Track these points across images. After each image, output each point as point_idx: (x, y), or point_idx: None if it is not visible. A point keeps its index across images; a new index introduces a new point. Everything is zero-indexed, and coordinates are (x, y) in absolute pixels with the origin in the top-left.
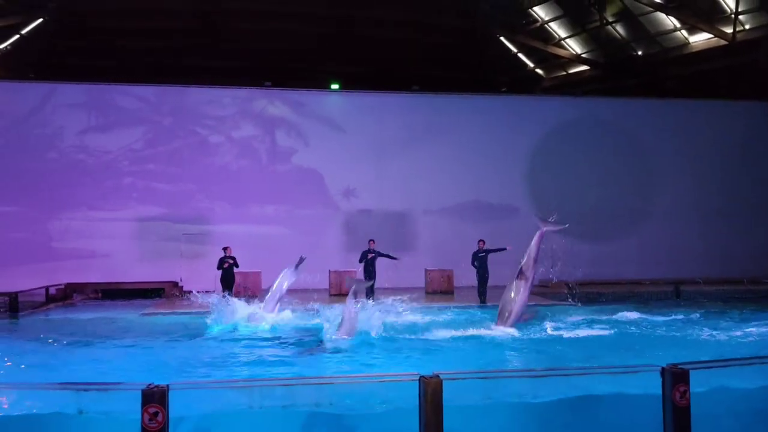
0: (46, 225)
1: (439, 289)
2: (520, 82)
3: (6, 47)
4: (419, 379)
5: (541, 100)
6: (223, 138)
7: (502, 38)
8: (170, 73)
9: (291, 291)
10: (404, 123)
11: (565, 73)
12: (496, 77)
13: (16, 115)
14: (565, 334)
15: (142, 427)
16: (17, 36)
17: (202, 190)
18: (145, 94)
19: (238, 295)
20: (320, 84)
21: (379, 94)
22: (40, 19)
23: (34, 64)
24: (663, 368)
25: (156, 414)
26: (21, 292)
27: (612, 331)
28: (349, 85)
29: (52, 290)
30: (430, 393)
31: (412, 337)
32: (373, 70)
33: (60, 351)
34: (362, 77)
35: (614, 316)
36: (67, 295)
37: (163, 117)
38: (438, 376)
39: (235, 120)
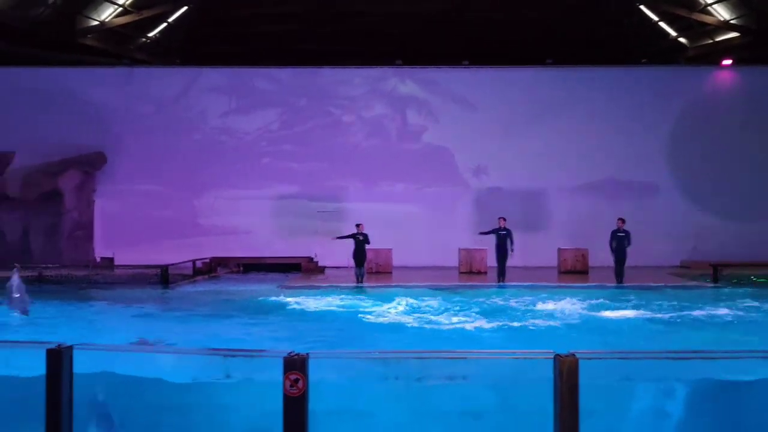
0: (192, 203)
1: (573, 268)
2: (662, 53)
3: (155, 35)
4: (554, 358)
5: (684, 71)
6: (355, 117)
7: (642, 6)
8: (305, 56)
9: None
10: (536, 97)
11: (711, 41)
12: (635, 48)
13: (164, 100)
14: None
15: (284, 392)
16: (164, 24)
17: (334, 169)
18: (280, 77)
19: (369, 270)
20: (451, 61)
21: (510, 69)
22: (185, 8)
23: (179, 50)
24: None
25: (297, 381)
26: (171, 265)
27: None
28: (480, 60)
29: (198, 264)
30: (566, 372)
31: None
32: (503, 45)
33: (206, 319)
34: (493, 53)
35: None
36: (212, 268)
37: (298, 98)
38: (574, 354)
39: (366, 99)
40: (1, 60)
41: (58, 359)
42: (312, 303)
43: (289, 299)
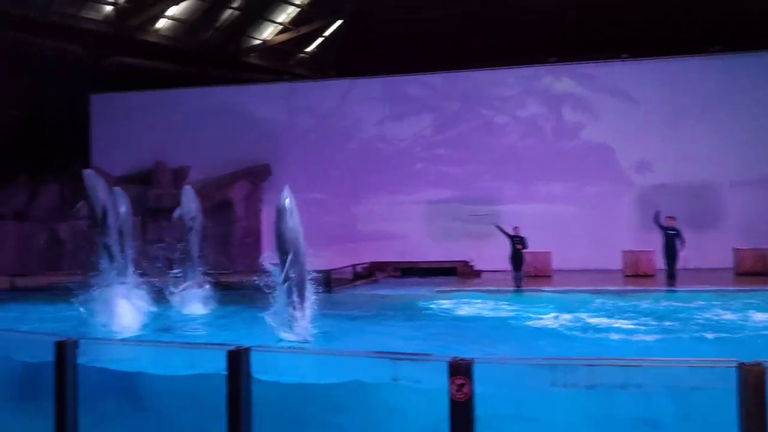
0: (351, 209)
1: (752, 269)
2: None
3: (312, 50)
4: (738, 366)
5: None
6: (509, 118)
7: None
8: (456, 59)
9: (579, 271)
10: (703, 88)
11: None
12: None
13: (322, 111)
14: None
15: (450, 397)
16: (321, 39)
17: (488, 171)
18: (433, 82)
19: (527, 274)
20: (608, 55)
21: (673, 60)
22: (339, 21)
23: (334, 63)
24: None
25: (462, 385)
26: (333, 269)
27: None
28: (640, 52)
29: (358, 268)
30: (751, 382)
31: None
32: (665, 33)
33: (370, 322)
34: (652, 44)
35: None
36: (371, 272)
37: (451, 102)
38: (761, 364)
39: (520, 99)
40: (175, 81)
41: (237, 361)
42: (469, 307)
43: (446, 303)
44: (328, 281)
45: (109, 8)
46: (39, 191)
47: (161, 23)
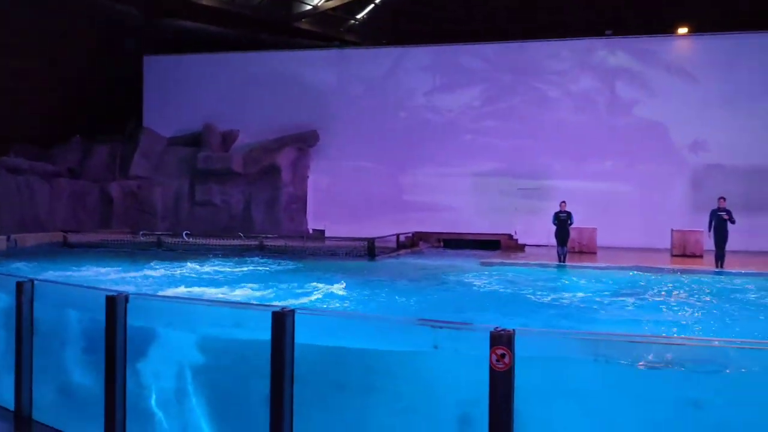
0: (398, 179)
1: None
2: None
3: (363, 16)
4: None
5: None
6: (561, 92)
7: None
8: (510, 30)
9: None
10: (762, 66)
11: None
12: None
13: (372, 80)
14: None
15: (490, 366)
16: (372, 5)
17: (538, 145)
18: (486, 53)
19: (572, 250)
20: (665, 29)
21: (733, 36)
22: None
23: (386, 30)
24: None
25: (503, 356)
26: (377, 238)
27: None
28: (701, 27)
29: (402, 238)
30: None
31: None
32: (724, 10)
33: (412, 290)
34: (711, 18)
35: None
36: (415, 242)
37: (503, 74)
38: None
39: (574, 73)
40: (226, 45)
41: (282, 322)
42: (512, 279)
43: (489, 274)
44: (371, 249)
45: None
46: (92, 150)
47: None
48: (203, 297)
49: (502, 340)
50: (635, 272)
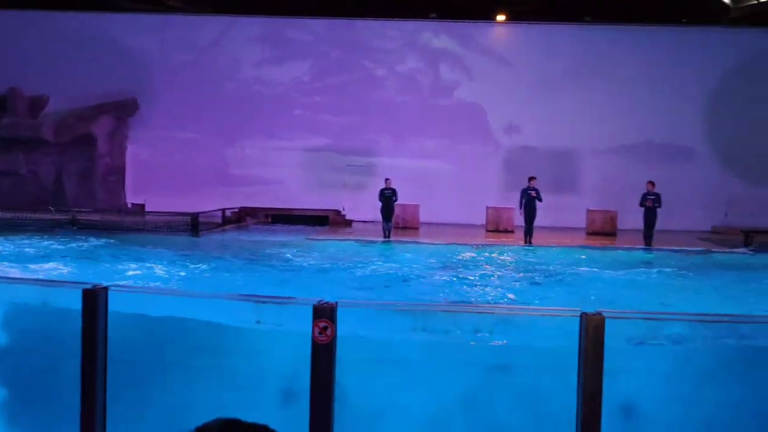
0: (224, 152)
1: (601, 230)
2: (704, 13)
3: None
4: (581, 316)
5: (726, 32)
6: (388, 71)
7: None
8: (340, 6)
9: (446, 225)
10: (574, 56)
11: (757, 2)
12: (677, 7)
13: (199, 48)
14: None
15: (313, 340)
16: None
17: (366, 123)
18: (315, 28)
19: (396, 225)
20: (486, 15)
21: (547, 25)
22: None
23: None
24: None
25: (325, 328)
26: (201, 213)
27: None
28: (517, 16)
29: (227, 213)
30: (592, 331)
31: None
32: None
33: (236, 267)
34: (530, 8)
35: None
36: (241, 218)
37: (331, 50)
38: (600, 313)
39: (400, 53)
40: (39, 3)
41: (94, 299)
42: (338, 255)
43: (315, 250)
44: (195, 224)
45: None
46: None
47: None
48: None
49: (324, 313)
50: (453, 246)
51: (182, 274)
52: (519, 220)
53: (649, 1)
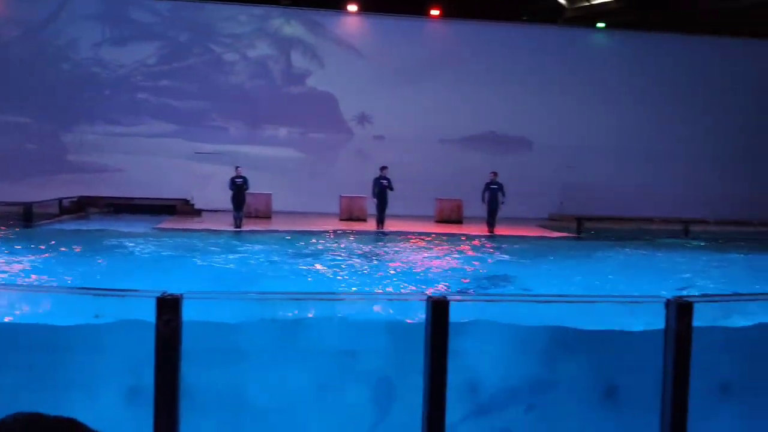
0: (59, 137)
1: (448, 218)
2: (542, 12)
3: None
4: (427, 300)
5: (562, 32)
6: (238, 56)
7: None
8: None
9: (299, 214)
10: (424, 49)
11: (588, 3)
12: (518, 5)
13: (29, 24)
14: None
15: (157, 332)
16: None
17: (216, 109)
18: (160, 9)
19: (248, 215)
20: (338, 5)
21: (399, 18)
22: None
23: None
24: (668, 300)
25: (169, 321)
26: (35, 202)
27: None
28: (369, 7)
29: (65, 202)
30: (437, 314)
31: None
32: None
33: (74, 259)
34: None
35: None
36: (81, 207)
37: (179, 33)
38: (446, 297)
39: (251, 39)
40: None
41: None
42: (185, 245)
43: (161, 240)
44: (28, 214)
45: None
46: None
47: None
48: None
49: (168, 305)
50: (306, 235)
51: (15, 267)
52: (372, 208)
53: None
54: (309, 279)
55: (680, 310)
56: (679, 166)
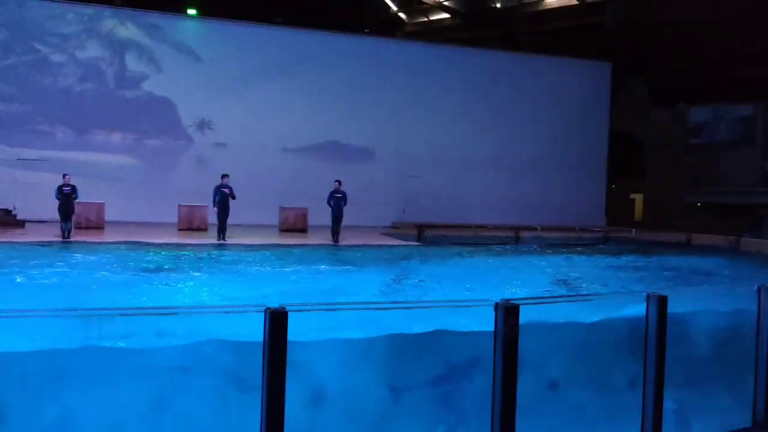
0: None
1: (293, 227)
2: (383, 25)
3: None
4: (265, 311)
5: (401, 45)
6: (66, 57)
7: None
8: None
9: (135, 224)
10: (266, 56)
11: (426, 19)
12: (360, 17)
13: None
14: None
15: None
16: None
17: (40, 113)
18: None
19: (78, 226)
20: (176, 8)
21: (240, 24)
22: None
23: None
24: (496, 303)
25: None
26: None
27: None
28: (210, 12)
29: None
30: (276, 325)
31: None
32: None
33: None
34: (223, 5)
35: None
36: None
37: None
38: (284, 308)
39: (81, 39)
40: None
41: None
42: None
43: None
44: None
45: None
46: None
47: None
48: None
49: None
50: (140, 246)
51: None
52: (213, 218)
53: (337, 10)
54: (143, 295)
55: (507, 312)
56: (505, 176)
